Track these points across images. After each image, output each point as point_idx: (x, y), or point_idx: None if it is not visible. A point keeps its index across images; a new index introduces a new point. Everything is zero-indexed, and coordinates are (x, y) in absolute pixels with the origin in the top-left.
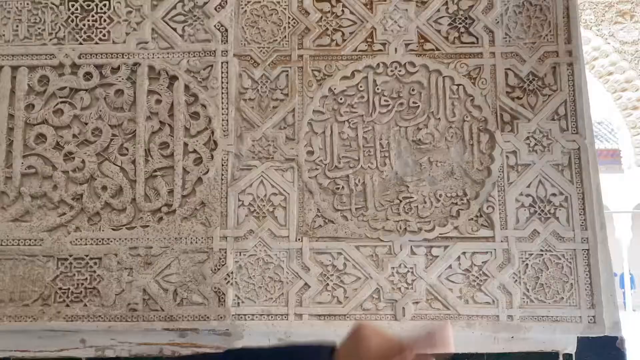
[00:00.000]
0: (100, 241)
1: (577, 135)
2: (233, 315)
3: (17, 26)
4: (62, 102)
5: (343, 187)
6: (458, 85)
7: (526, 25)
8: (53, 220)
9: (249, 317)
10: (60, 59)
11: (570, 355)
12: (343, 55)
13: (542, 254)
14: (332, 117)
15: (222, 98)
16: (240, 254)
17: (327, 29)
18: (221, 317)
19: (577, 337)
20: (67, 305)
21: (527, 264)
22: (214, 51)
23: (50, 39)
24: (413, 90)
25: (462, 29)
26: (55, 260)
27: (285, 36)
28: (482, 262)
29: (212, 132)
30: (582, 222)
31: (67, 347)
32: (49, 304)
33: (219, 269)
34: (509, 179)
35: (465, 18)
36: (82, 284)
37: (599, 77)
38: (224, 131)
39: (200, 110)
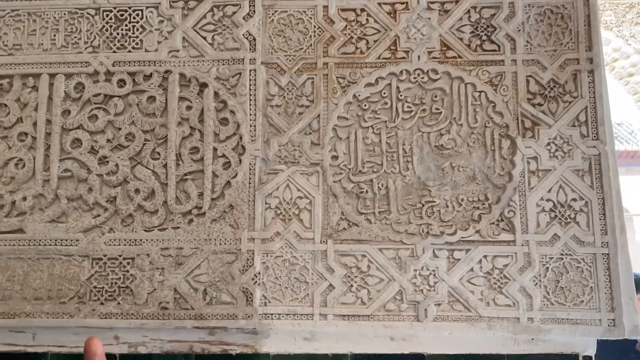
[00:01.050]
0: (133, 242)
1: (597, 141)
2: (260, 314)
3: (54, 35)
4: (96, 108)
5: (367, 191)
6: (480, 92)
7: (547, 33)
8: (88, 222)
9: (275, 316)
10: (95, 66)
11: (590, 357)
12: (367, 63)
13: (562, 258)
14: (356, 122)
15: (250, 104)
16: (267, 255)
17: (351, 37)
18: (249, 316)
19: (597, 339)
20: (102, 304)
21: (547, 268)
22: (243, 59)
23: (86, 48)
24: (436, 96)
25: (484, 37)
26: (90, 260)
27: (311, 44)
28: (503, 266)
29: (241, 138)
30: (602, 227)
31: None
32: (84, 301)
33: (246, 270)
34: (529, 184)
35: (487, 26)
36: (116, 283)
37: (619, 79)
38: (252, 136)
39: (229, 116)
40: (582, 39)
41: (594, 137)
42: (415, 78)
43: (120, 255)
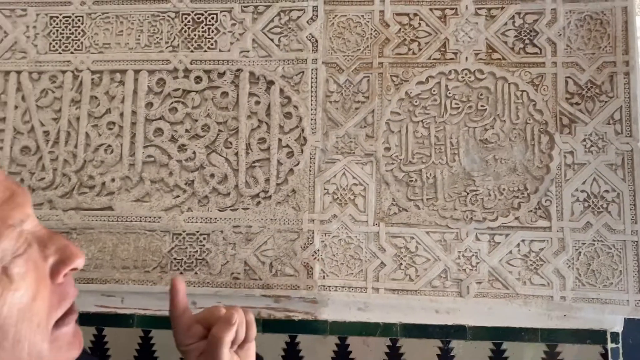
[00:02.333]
0: (208, 220)
1: (630, 138)
2: (319, 286)
3: (139, 36)
4: (176, 102)
5: (416, 179)
6: (522, 91)
7: (586, 38)
8: (169, 202)
9: (332, 288)
10: (174, 64)
11: (617, 333)
12: (419, 63)
13: (594, 244)
14: (408, 117)
15: (311, 100)
16: (325, 235)
17: (405, 39)
18: (309, 287)
19: (624, 318)
20: (181, 273)
21: (580, 252)
22: (306, 59)
23: (167, 47)
24: (481, 95)
25: (527, 41)
26: (171, 235)
27: (367, 46)
28: (539, 249)
29: (302, 130)
30: (633, 216)
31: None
32: (165, 271)
33: (307, 247)
34: (565, 176)
35: (530, 31)
36: (193, 255)
37: None
38: (312, 129)
39: (292, 110)
40: (620, 43)
41: (628, 134)
42: (462, 77)
43: (197, 232)
